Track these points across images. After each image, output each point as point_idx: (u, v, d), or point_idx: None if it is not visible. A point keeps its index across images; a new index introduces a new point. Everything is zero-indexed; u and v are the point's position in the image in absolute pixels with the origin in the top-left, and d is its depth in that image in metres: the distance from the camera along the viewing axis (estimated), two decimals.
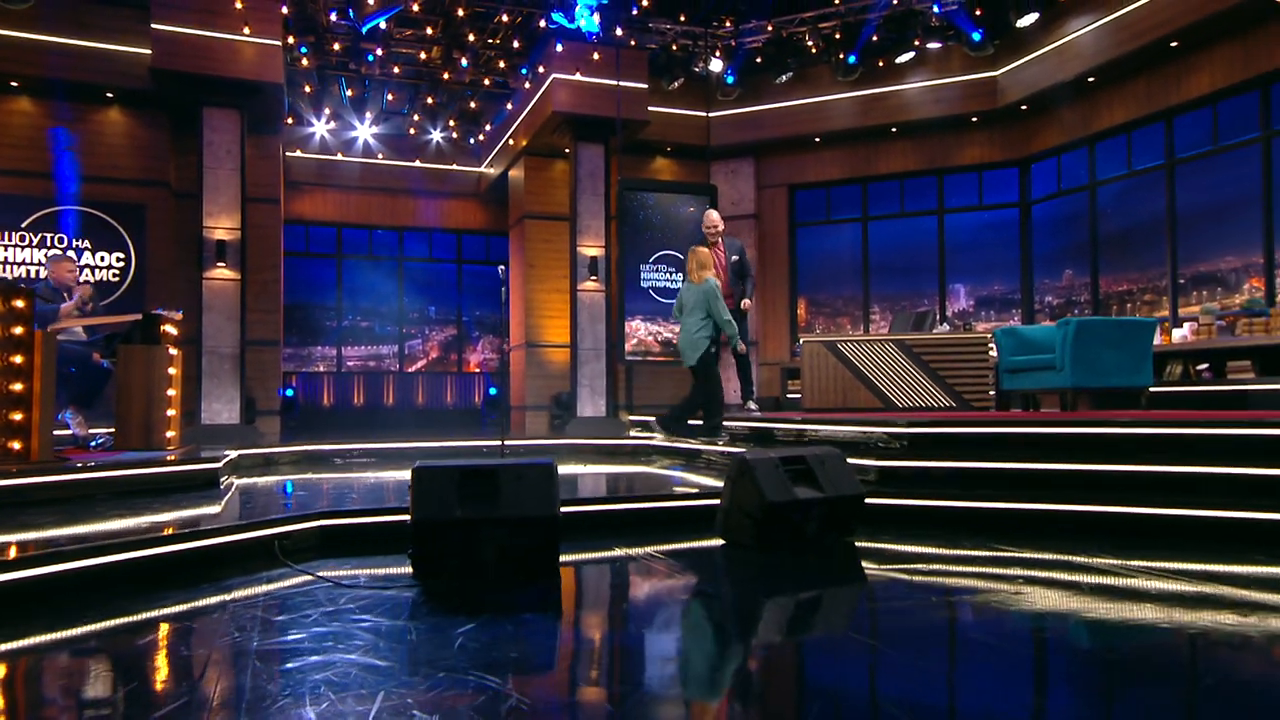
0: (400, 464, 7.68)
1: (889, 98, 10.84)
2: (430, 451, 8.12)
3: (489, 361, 14.82)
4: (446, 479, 3.32)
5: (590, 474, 7.38)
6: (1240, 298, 8.63)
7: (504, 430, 10.60)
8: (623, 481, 6.59)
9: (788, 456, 3.85)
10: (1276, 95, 7.97)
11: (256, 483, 5.91)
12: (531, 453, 8.32)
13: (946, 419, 5.13)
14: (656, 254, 10.46)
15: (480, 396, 14.59)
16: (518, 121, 11.64)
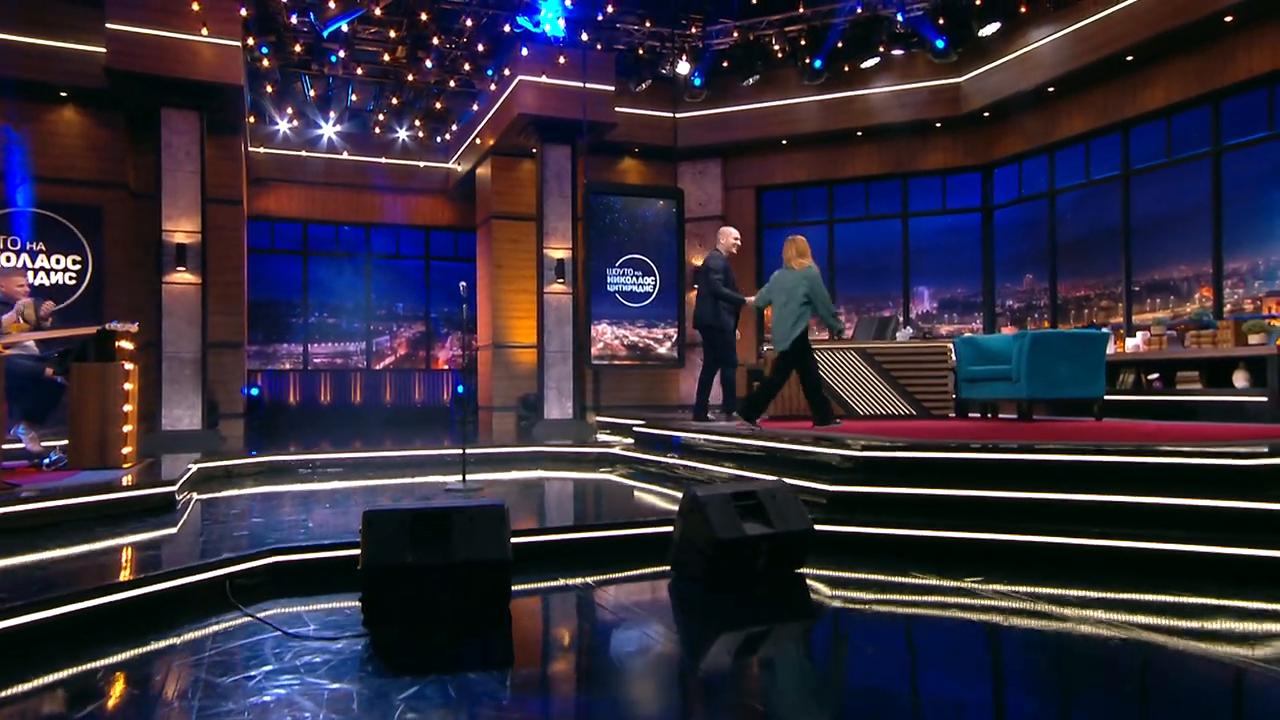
0: (366, 474, 7.65)
1: (855, 102, 10.89)
2: (395, 462, 8.09)
3: (457, 359, 14.75)
4: (398, 523, 3.33)
5: (554, 482, 7.42)
6: (1192, 306, 8.83)
7: (469, 437, 10.59)
8: (584, 495, 6.62)
9: (739, 492, 3.90)
10: (1226, 111, 8.13)
11: (218, 499, 5.87)
12: (496, 461, 8.31)
13: (898, 443, 5.20)
14: (623, 258, 10.46)
15: (448, 394, 14.53)
16: (484, 121, 11.54)
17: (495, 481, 7.42)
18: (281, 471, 7.54)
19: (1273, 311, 7.97)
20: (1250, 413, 7.06)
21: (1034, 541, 4.16)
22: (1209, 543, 3.82)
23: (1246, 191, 8.18)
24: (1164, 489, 4.18)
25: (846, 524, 4.56)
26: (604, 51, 10.32)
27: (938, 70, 10.32)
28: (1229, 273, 8.39)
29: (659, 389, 12.14)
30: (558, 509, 5.85)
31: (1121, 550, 3.98)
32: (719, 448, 6.82)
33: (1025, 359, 7.40)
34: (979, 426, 6.99)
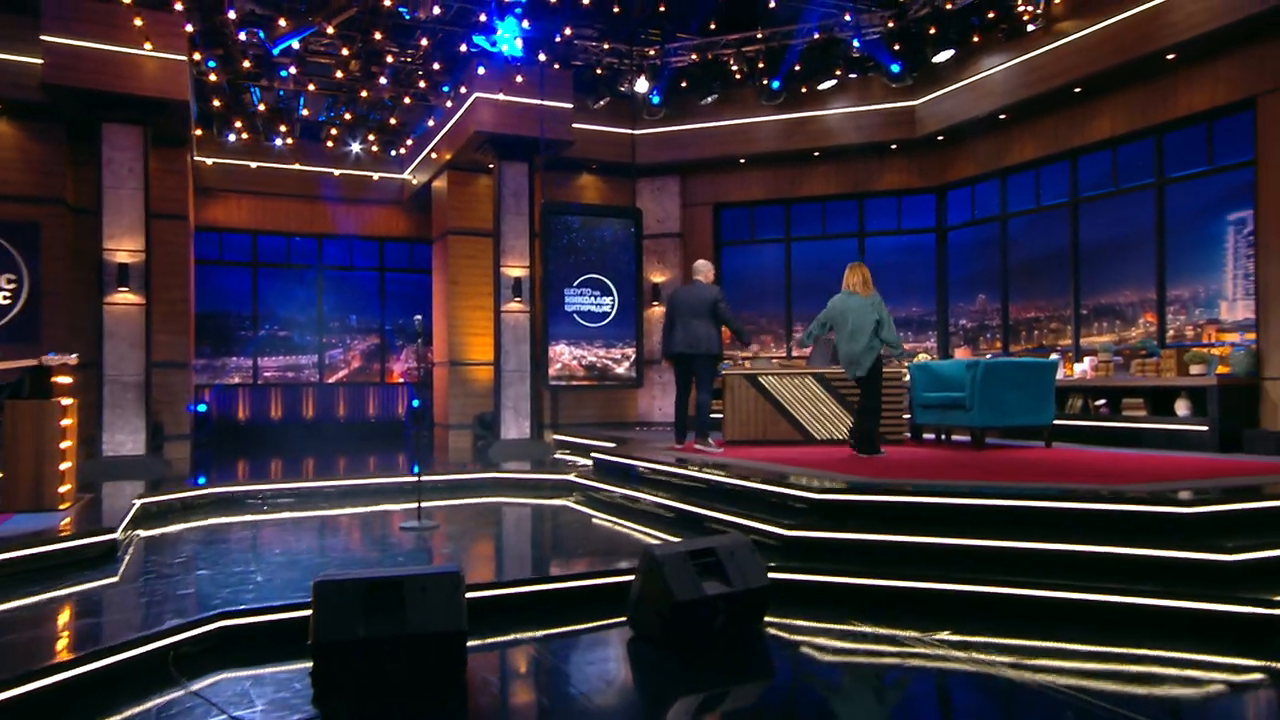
0: (319, 504, 7.50)
1: (812, 123, 11.00)
2: (349, 491, 7.95)
3: (412, 371, 14.57)
4: (349, 594, 3.28)
5: (511, 515, 7.36)
6: (1137, 331, 9.08)
7: (424, 457, 10.47)
8: (541, 532, 6.58)
9: (696, 549, 3.91)
10: (1169, 144, 8.38)
11: (163, 541, 5.70)
12: (452, 489, 8.22)
13: (851, 484, 5.26)
14: (581, 277, 10.43)
15: (404, 408, 14.35)
16: (440, 135, 11.41)
17: (452, 511, 7.35)
18: (230, 503, 7.36)
19: (1213, 339, 8.24)
20: (1192, 441, 7.29)
21: (994, 592, 4.23)
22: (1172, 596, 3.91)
23: (1188, 222, 8.44)
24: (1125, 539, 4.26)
25: (802, 571, 4.59)
26: (562, 69, 10.27)
27: (893, 93, 10.46)
28: (1172, 299, 8.65)
29: (617, 407, 12.13)
30: (515, 552, 5.81)
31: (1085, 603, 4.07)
32: (675, 480, 6.83)
33: (978, 388, 7.54)
34: (934, 455, 7.11)
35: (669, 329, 7.79)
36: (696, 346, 7.72)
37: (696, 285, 7.82)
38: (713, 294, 7.67)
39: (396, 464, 10.88)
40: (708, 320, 7.68)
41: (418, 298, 14.34)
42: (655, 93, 10.93)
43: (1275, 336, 7.20)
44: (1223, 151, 7.90)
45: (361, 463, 11.25)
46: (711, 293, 7.68)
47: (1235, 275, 8.13)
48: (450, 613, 3.32)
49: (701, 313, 7.67)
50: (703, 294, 7.69)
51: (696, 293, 7.73)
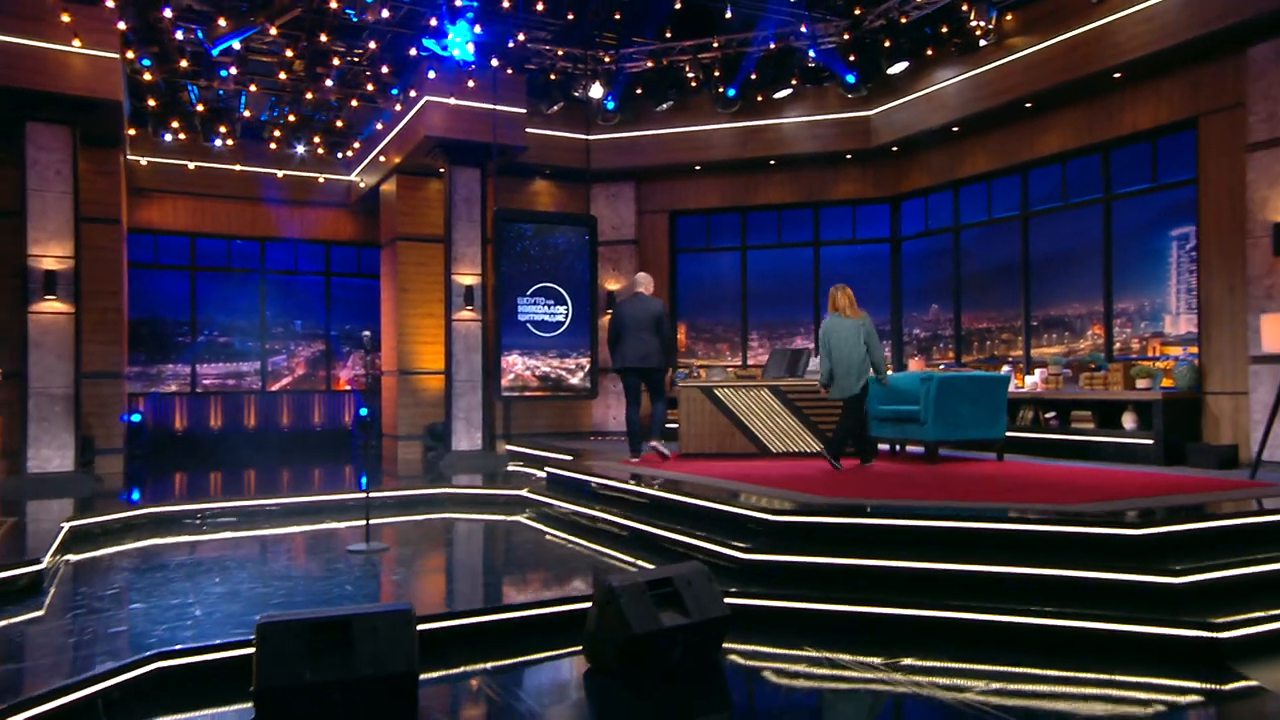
0: (261, 523, 7.31)
1: (767, 131, 11.08)
2: (294, 509, 7.75)
3: (359, 378, 14.32)
4: (294, 635, 3.18)
5: (463, 533, 7.27)
6: (1085, 343, 9.33)
7: (373, 469, 10.28)
8: (494, 553, 6.50)
9: (654, 580, 3.89)
10: (1115, 160, 8.62)
11: (94, 568, 5.49)
12: (402, 505, 8.08)
13: (808, 505, 5.30)
14: (535, 286, 10.35)
15: (350, 416, 14.09)
16: (389, 138, 11.23)
17: (402, 530, 7.23)
18: (167, 524, 7.13)
19: (1158, 353, 8.50)
20: (1138, 454, 7.51)
21: (952, 618, 4.29)
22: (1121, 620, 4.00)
23: (1134, 237, 8.70)
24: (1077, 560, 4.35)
25: (761, 596, 4.60)
26: (515, 74, 10.18)
27: (848, 103, 10.60)
28: (1118, 312, 8.90)
29: (571, 416, 12.07)
30: (466, 577, 5.72)
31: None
32: (630, 498, 6.82)
33: (932, 402, 7.66)
34: (890, 469, 7.20)
35: (615, 342, 7.93)
36: (650, 360, 7.92)
37: (640, 298, 7.93)
38: (658, 308, 7.88)
39: (343, 478, 10.67)
40: (655, 334, 7.88)
41: (365, 303, 14.10)
42: (610, 98, 10.90)
43: (1216, 351, 7.45)
44: (1166, 169, 8.16)
45: (307, 475, 11.02)
46: (656, 306, 7.88)
47: (1179, 290, 8.40)
48: (402, 653, 3.25)
49: (648, 326, 7.84)
50: (649, 307, 7.84)
51: (642, 306, 7.86)
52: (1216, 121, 7.43)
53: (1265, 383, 6.90)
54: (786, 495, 5.75)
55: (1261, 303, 6.98)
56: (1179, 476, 6.47)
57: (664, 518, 6.16)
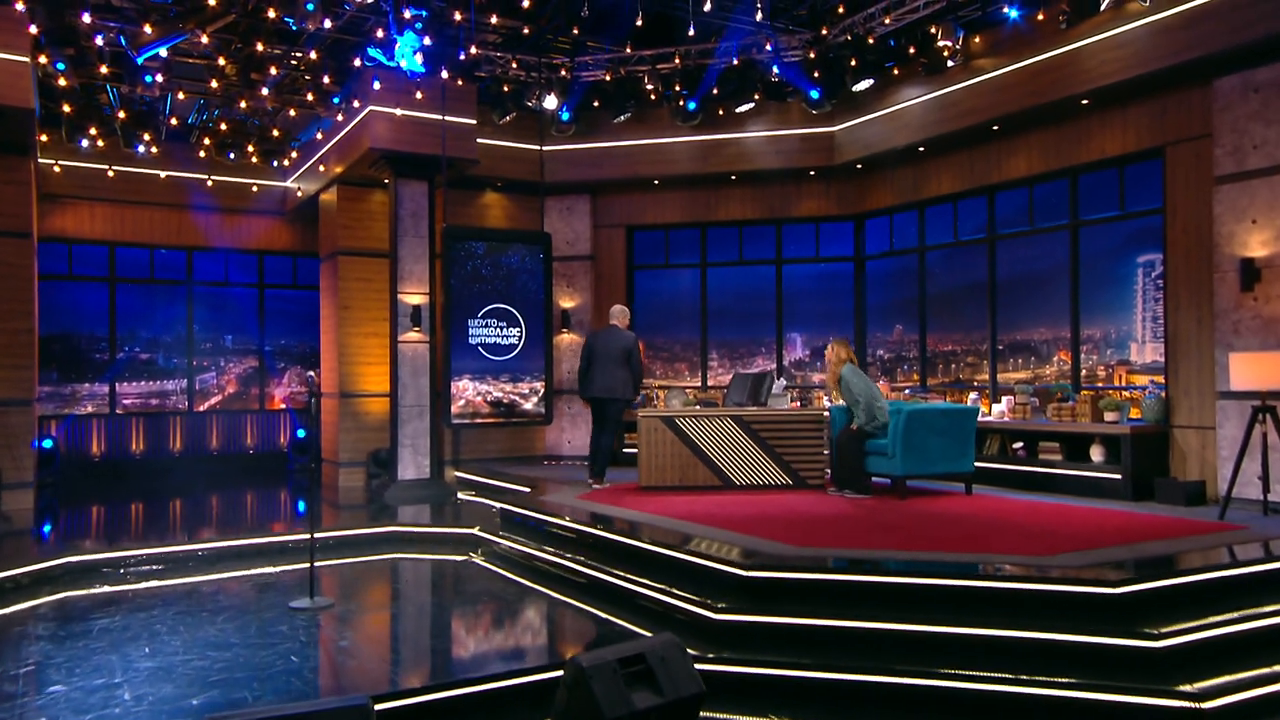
0: (192, 570, 7.01)
1: (729, 145, 11.09)
2: (228, 554, 7.47)
3: (296, 396, 13.97)
4: None
5: (411, 581, 7.09)
6: (1051, 369, 9.52)
7: (313, 498, 10.02)
8: (444, 607, 6.35)
9: (626, 657, 3.81)
10: (1083, 186, 8.81)
11: (6, 625, 5.21)
12: (346, 546, 7.86)
13: (779, 560, 5.28)
14: (486, 308, 10.20)
15: (286, 437, 13.73)
16: (329, 145, 10.96)
17: (347, 577, 7.03)
18: (86, 574, 6.81)
19: (1124, 380, 8.71)
20: (1106, 489, 7.67)
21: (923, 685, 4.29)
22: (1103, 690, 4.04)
23: (1099, 262, 8.90)
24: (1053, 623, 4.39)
25: (732, 662, 4.56)
26: (465, 83, 10.01)
27: (812, 119, 10.65)
28: (1084, 339, 9.10)
29: (523, 440, 11.93)
30: (418, 639, 5.54)
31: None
32: (588, 539, 6.74)
33: (900, 436, 7.73)
34: (857, 505, 7.24)
35: (585, 370, 8.44)
36: (613, 392, 8.40)
37: (613, 330, 8.32)
38: (628, 341, 8.35)
39: (280, 510, 10.37)
40: (624, 366, 8.36)
41: (302, 316, 13.77)
42: (565, 109, 10.79)
43: (1184, 384, 7.65)
44: (1134, 196, 8.36)
45: (240, 507, 10.70)
46: (627, 340, 8.34)
47: (1145, 317, 8.62)
48: None
49: (618, 359, 8.31)
50: (620, 340, 8.30)
51: (614, 338, 8.29)
52: (1183, 151, 7.63)
53: (1232, 419, 7.10)
54: (755, 544, 5.72)
55: (1229, 337, 7.18)
56: (1150, 517, 6.61)
57: (627, 564, 6.10)
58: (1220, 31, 6.85)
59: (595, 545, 6.63)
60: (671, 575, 5.67)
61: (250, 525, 9.15)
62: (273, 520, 9.74)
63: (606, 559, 6.36)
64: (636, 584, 5.79)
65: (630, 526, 6.67)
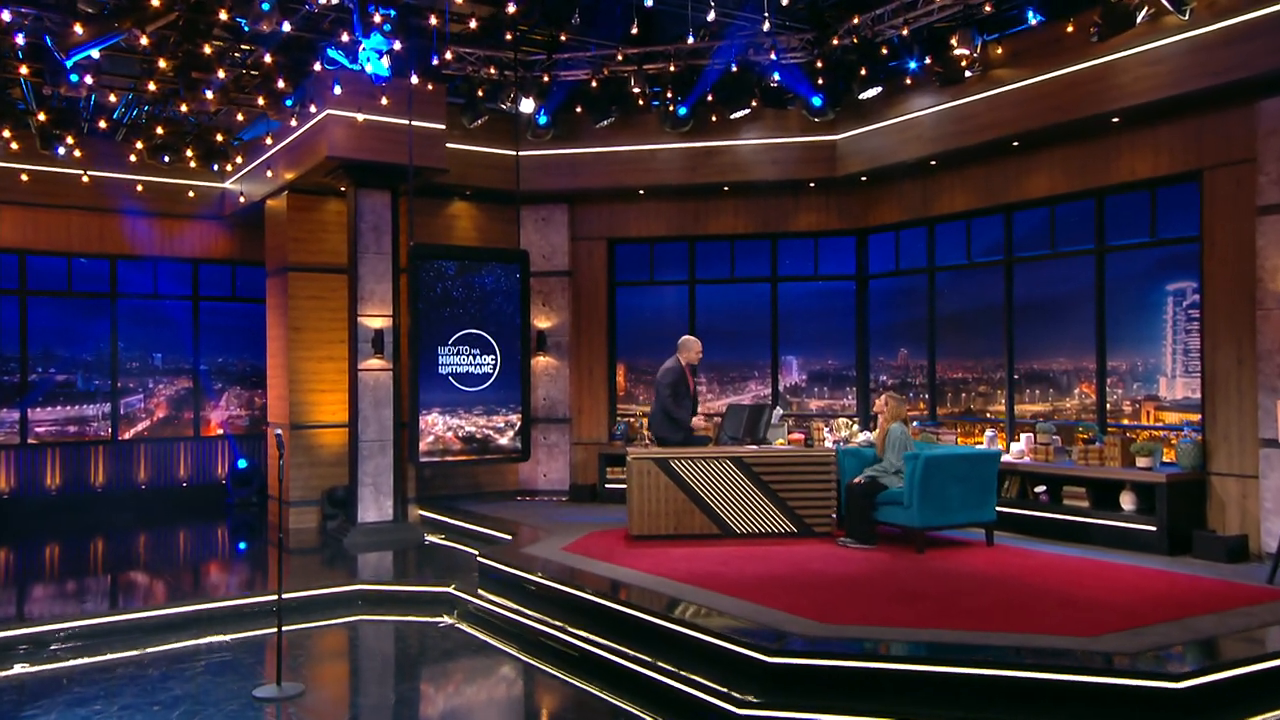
0: (121, 644, 6.64)
1: (721, 154, 11.00)
2: (164, 623, 7.13)
3: (236, 420, 13.63)
4: None
5: (378, 654, 6.89)
6: (1072, 402, 9.56)
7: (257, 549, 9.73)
8: (426, 691, 6.16)
9: None
10: (1110, 208, 8.84)
11: None
12: (308, 608, 7.59)
13: (805, 643, 5.18)
14: (457, 334, 9.98)
15: (225, 468, 13.37)
16: (278, 148, 10.65)
17: (312, 648, 6.81)
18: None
19: (1152, 417, 8.76)
20: (1139, 541, 7.69)
21: None
22: None
23: (1127, 288, 8.93)
24: None
25: None
26: (433, 85, 9.78)
27: (813, 127, 10.58)
28: (1109, 370, 9.12)
29: (494, 474, 11.73)
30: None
31: None
32: (583, 605, 6.59)
33: (918, 484, 7.70)
34: (872, 562, 7.17)
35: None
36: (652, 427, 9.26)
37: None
38: (659, 372, 9.08)
39: (223, 552, 10.06)
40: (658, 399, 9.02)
41: (242, 331, 13.46)
42: (542, 112, 10.60)
43: (1222, 429, 7.70)
44: (1167, 222, 8.39)
45: (177, 551, 10.37)
46: (660, 370, 9.07)
47: (1175, 350, 8.67)
48: None
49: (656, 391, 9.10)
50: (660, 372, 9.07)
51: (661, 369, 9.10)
52: (1223, 177, 7.67)
53: (1277, 468, 7.16)
54: (774, 618, 5.65)
55: (1273, 380, 7.24)
56: (1194, 580, 6.63)
57: (628, 639, 5.97)
58: (1265, 51, 6.87)
59: (591, 614, 6.48)
60: (683, 655, 5.55)
61: (194, 580, 8.87)
62: (220, 572, 9.45)
63: (605, 630, 6.22)
64: (641, 663, 5.66)
65: (629, 592, 6.55)
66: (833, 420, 11.11)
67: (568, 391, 11.90)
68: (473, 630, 7.15)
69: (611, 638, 6.11)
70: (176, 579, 8.82)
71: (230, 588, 8.64)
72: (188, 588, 8.44)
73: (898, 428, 8.28)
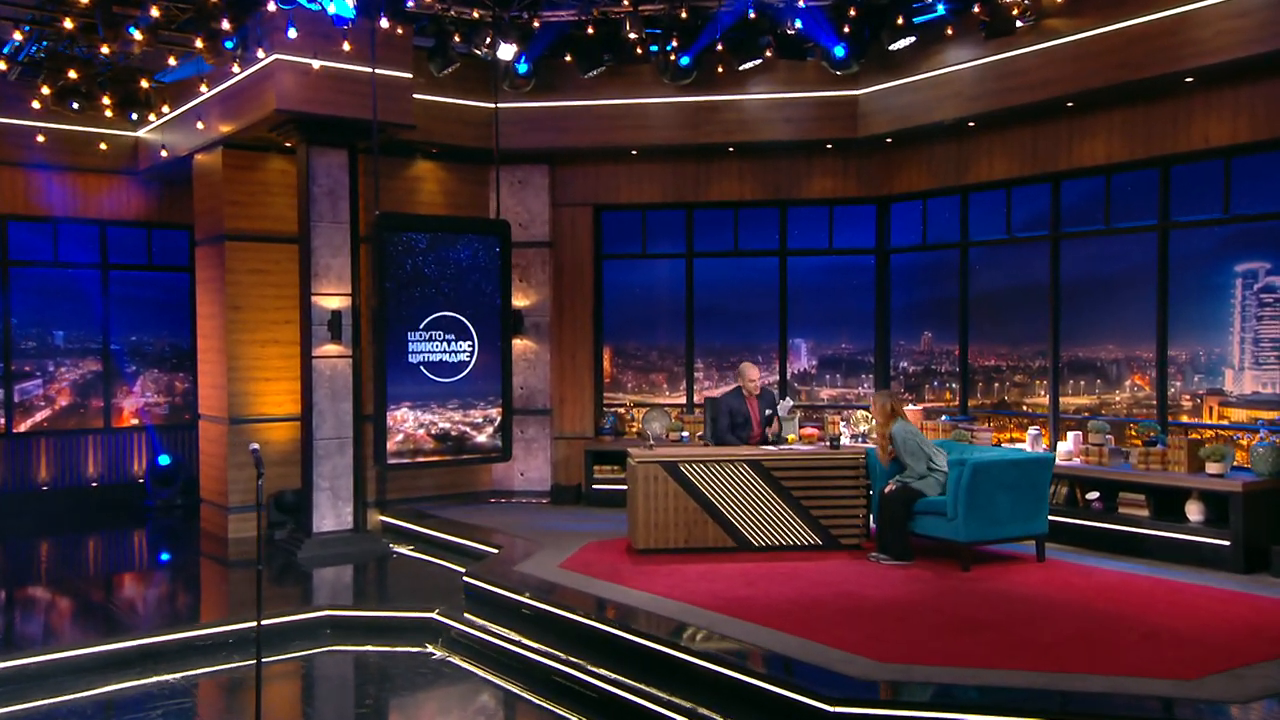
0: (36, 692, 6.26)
1: (726, 110, 10.81)
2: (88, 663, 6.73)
3: (154, 408, 13.21)
4: None
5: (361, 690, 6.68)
6: (1122, 395, 9.59)
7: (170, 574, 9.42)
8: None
9: None
10: (1176, 179, 8.81)
11: None
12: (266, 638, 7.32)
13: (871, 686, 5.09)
14: (430, 316, 9.70)
15: (143, 465, 12.98)
16: (211, 96, 10.20)
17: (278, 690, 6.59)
18: None
19: (1215, 414, 8.80)
20: (1209, 557, 7.73)
21: None
22: None
23: (1188, 267, 8.92)
24: None
25: None
26: (400, 27, 9.43)
27: (832, 81, 10.41)
28: (1167, 361, 9.13)
29: (465, 473, 11.54)
30: None
31: None
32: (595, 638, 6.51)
33: (964, 493, 7.66)
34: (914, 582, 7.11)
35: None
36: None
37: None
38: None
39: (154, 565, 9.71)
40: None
41: (163, 305, 13.07)
42: (523, 59, 10.30)
43: None
44: (1242, 196, 8.37)
45: (81, 563, 10.04)
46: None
47: (1243, 338, 8.70)
48: None
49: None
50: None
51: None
52: None
53: None
54: (821, 654, 5.64)
55: None
56: None
57: (650, 674, 5.90)
58: None
59: (604, 646, 6.38)
60: (721, 699, 5.46)
61: (130, 602, 8.58)
62: (147, 592, 9.14)
63: (622, 667, 6.11)
64: (676, 709, 5.55)
65: (648, 621, 6.44)
66: (849, 413, 11.07)
67: (548, 379, 11.71)
68: (466, 663, 6.98)
69: (632, 675, 6.01)
70: (86, 604, 8.49)
71: (161, 615, 8.36)
72: (108, 615, 8.11)
73: (899, 427, 8.25)
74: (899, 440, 8.19)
